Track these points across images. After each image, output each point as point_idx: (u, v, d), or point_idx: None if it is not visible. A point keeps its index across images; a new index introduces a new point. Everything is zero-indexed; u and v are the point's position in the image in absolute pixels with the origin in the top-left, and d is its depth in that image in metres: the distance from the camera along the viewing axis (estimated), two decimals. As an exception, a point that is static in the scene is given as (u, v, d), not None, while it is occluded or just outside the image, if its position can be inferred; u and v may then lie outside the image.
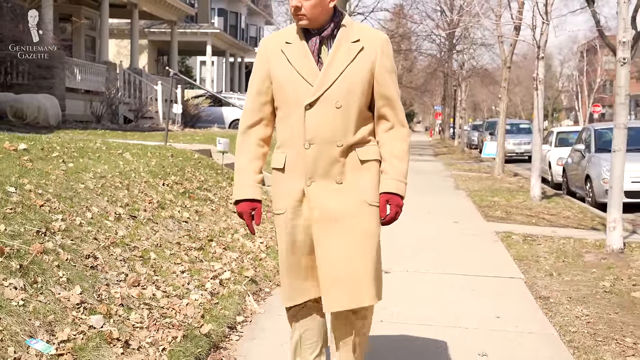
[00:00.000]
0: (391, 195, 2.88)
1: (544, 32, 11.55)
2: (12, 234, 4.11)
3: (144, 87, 21.91)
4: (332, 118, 2.78)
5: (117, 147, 7.83)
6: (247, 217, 2.91)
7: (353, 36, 2.84)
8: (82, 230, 4.75)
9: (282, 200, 2.89)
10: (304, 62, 2.81)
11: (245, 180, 2.91)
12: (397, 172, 2.89)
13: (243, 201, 2.90)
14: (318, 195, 2.82)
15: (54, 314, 3.55)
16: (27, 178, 5.14)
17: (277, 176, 2.92)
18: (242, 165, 2.93)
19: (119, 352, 3.46)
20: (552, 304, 5.26)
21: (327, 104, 2.78)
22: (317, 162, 2.80)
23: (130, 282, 4.37)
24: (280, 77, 2.84)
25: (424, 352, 4.11)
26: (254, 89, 2.92)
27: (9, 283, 3.58)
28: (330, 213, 2.81)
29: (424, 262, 6.59)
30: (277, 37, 2.94)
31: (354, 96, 2.80)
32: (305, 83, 2.79)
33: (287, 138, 2.86)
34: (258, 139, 2.93)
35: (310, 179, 2.82)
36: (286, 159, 2.87)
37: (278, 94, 2.86)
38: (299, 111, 2.80)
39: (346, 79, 2.79)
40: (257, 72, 2.92)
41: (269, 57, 2.87)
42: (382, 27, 36.32)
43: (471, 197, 12.53)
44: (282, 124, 2.89)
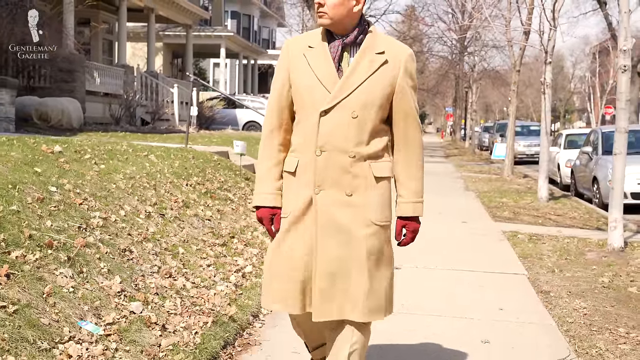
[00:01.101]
0: (407, 221, 2.90)
1: (552, 38, 11.89)
2: (57, 229, 4.54)
3: (160, 90, 22.38)
4: (346, 127, 2.75)
5: (142, 149, 8.26)
6: (267, 223, 2.91)
7: (379, 47, 2.80)
8: (117, 227, 5.17)
9: (289, 205, 2.85)
10: (324, 67, 2.77)
11: (265, 188, 2.89)
12: (413, 193, 2.88)
13: (263, 207, 2.91)
14: (326, 204, 2.78)
15: (100, 300, 3.97)
16: (66, 178, 5.57)
17: (288, 179, 2.89)
18: (263, 172, 2.92)
19: (157, 334, 3.88)
20: (552, 297, 5.63)
21: (343, 113, 2.74)
22: (327, 170, 2.77)
23: (163, 274, 4.79)
24: (298, 80, 2.81)
25: (431, 339, 4.49)
26: (275, 92, 2.90)
27: (60, 272, 4.00)
28: (334, 224, 2.77)
29: (433, 259, 6.96)
30: (301, 40, 2.90)
31: (371, 108, 2.77)
32: (323, 89, 2.75)
33: (300, 143, 2.83)
34: (278, 144, 2.90)
35: (319, 187, 2.78)
36: (298, 163, 2.84)
37: (295, 97, 2.84)
38: (314, 117, 2.76)
39: (365, 90, 2.75)
40: (278, 74, 2.90)
41: (290, 60, 2.85)
42: (394, 30, 36.69)
43: (480, 198, 12.88)
44: (297, 128, 2.87)
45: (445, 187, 15.06)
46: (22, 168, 5.45)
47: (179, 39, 30.94)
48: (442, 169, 20.78)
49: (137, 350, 3.62)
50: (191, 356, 3.73)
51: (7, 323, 3.27)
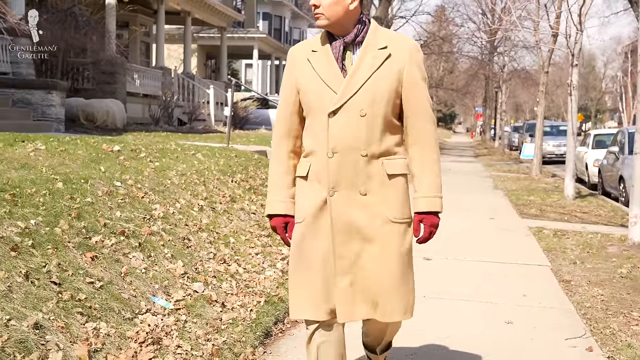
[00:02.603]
0: (424, 215, 2.82)
1: (578, 41, 12.26)
2: (126, 219, 5.12)
3: (196, 91, 23.08)
4: (355, 126, 2.71)
5: (189, 148, 8.85)
6: (280, 232, 2.90)
7: (380, 42, 2.77)
8: (175, 218, 5.75)
9: (303, 209, 2.82)
10: (328, 69, 2.75)
11: (277, 196, 2.88)
12: (429, 188, 2.81)
13: (276, 216, 2.90)
14: (341, 205, 2.74)
15: (167, 280, 4.54)
16: (127, 175, 6.16)
17: (301, 184, 2.86)
18: (274, 179, 2.91)
19: (218, 310, 4.43)
20: (572, 286, 6.08)
21: (351, 112, 2.71)
22: (340, 171, 2.73)
23: (218, 260, 5.35)
24: (305, 85, 2.79)
25: (458, 319, 4.98)
26: (283, 99, 2.90)
27: (132, 256, 4.58)
28: (351, 225, 2.74)
29: (461, 251, 7.44)
30: (305, 45, 2.89)
31: (379, 105, 2.73)
32: (329, 90, 2.73)
33: (312, 146, 2.81)
34: (289, 151, 2.89)
35: (333, 189, 2.74)
36: (310, 167, 2.81)
37: (304, 102, 2.82)
38: (323, 119, 2.74)
39: (371, 87, 2.72)
40: (286, 81, 2.89)
41: (296, 66, 2.84)
42: (424, 30, 37.06)
43: (508, 196, 13.29)
44: (307, 132, 2.84)
45: (475, 185, 15.48)
46: (89, 165, 6.06)
47: (213, 40, 31.69)
48: (471, 168, 21.16)
49: (202, 322, 4.17)
50: (248, 329, 4.27)
51: (96, 296, 3.84)
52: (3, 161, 5.33)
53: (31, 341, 3.13)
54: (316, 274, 2.77)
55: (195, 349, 3.77)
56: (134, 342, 3.61)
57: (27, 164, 5.45)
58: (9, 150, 5.93)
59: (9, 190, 4.56)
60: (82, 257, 4.18)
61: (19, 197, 4.54)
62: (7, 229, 4.00)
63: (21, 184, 4.81)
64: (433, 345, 4.32)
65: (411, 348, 4.22)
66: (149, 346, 3.61)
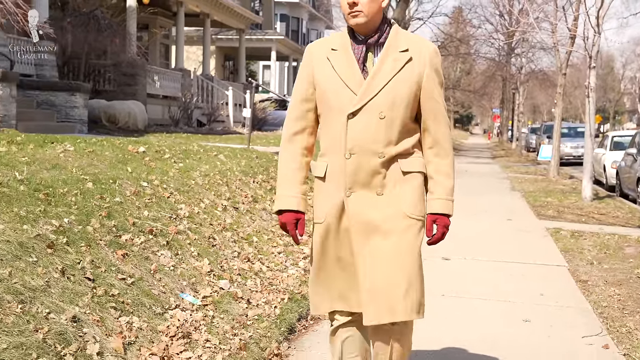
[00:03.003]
0: (438, 216, 2.83)
1: (596, 43, 12.31)
2: (153, 218, 5.29)
3: (215, 92, 23.30)
4: (374, 128, 2.72)
5: (211, 150, 9.03)
6: (291, 228, 2.86)
7: (401, 45, 2.76)
8: (200, 217, 5.91)
9: (322, 210, 2.82)
10: (348, 69, 2.74)
11: (289, 191, 2.85)
12: (444, 191, 2.83)
13: (286, 212, 2.85)
14: (357, 206, 2.75)
15: (194, 277, 4.70)
16: (154, 175, 6.33)
17: (318, 185, 2.86)
18: (285, 175, 2.87)
19: (244, 307, 4.58)
20: (589, 286, 6.17)
21: (371, 114, 2.71)
22: (357, 173, 2.74)
23: (242, 258, 5.50)
24: (323, 84, 2.78)
25: (476, 318, 5.10)
26: (298, 96, 2.87)
27: (161, 253, 4.74)
28: (368, 225, 2.75)
29: (479, 251, 7.54)
30: (323, 43, 2.87)
31: (398, 108, 2.73)
32: (349, 91, 2.72)
33: (329, 147, 2.81)
34: (302, 148, 2.88)
35: (350, 189, 2.75)
36: (327, 168, 2.81)
37: (321, 101, 2.81)
38: (341, 120, 2.73)
39: (392, 90, 2.72)
40: (302, 78, 2.86)
41: (314, 64, 2.82)
42: (441, 32, 37.08)
43: (525, 197, 13.36)
44: (324, 132, 2.84)
45: (492, 187, 15.54)
46: (117, 166, 6.23)
47: (231, 42, 31.91)
48: (488, 170, 21.20)
49: (229, 318, 4.32)
50: (273, 325, 4.42)
51: (128, 291, 4.00)
52: (35, 162, 5.51)
53: (70, 333, 3.29)
54: (337, 275, 2.80)
55: (223, 343, 3.92)
56: (165, 335, 3.77)
57: (58, 165, 5.63)
58: (40, 151, 6.12)
59: (42, 190, 4.73)
60: (113, 254, 4.35)
61: (52, 197, 4.71)
62: (43, 227, 4.17)
63: (53, 184, 4.98)
64: (451, 343, 4.44)
65: (429, 345, 4.34)
66: (179, 340, 3.76)
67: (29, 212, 4.27)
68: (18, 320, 3.18)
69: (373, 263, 2.74)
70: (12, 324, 3.13)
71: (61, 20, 13.58)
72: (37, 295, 3.45)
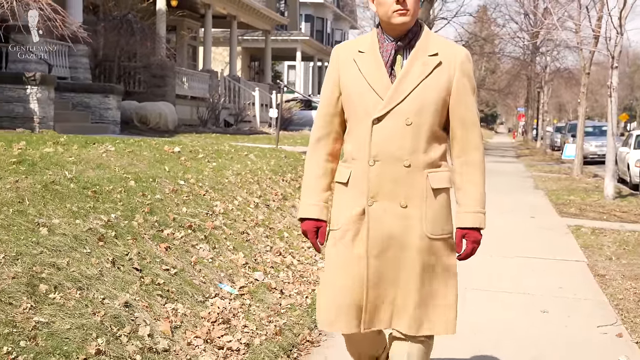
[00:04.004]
0: (467, 230, 2.71)
1: (618, 44, 12.47)
2: (191, 214, 5.63)
3: (241, 93, 23.71)
4: (400, 135, 2.61)
5: (241, 149, 9.38)
6: (311, 236, 2.79)
7: (431, 49, 2.66)
8: (234, 214, 6.24)
9: (341, 216, 2.72)
10: (375, 72, 2.64)
11: (311, 199, 2.78)
12: (474, 203, 2.71)
13: (308, 220, 2.79)
14: (379, 216, 2.64)
15: (231, 269, 5.03)
16: (189, 174, 6.68)
17: (340, 190, 2.76)
18: (309, 182, 2.81)
19: (277, 297, 4.91)
20: (607, 280, 6.41)
21: (397, 120, 2.61)
22: (381, 181, 2.63)
23: (274, 252, 5.83)
24: (349, 87, 2.69)
25: (497, 309, 5.37)
26: (324, 100, 2.79)
27: (200, 247, 5.08)
28: (388, 237, 2.65)
29: (502, 248, 7.79)
30: (351, 45, 2.77)
31: (426, 114, 2.63)
32: (375, 95, 2.62)
33: (353, 153, 2.70)
34: (326, 154, 2.80)
35: (372, 198, 2.64)
36: (351, 174, 2.70)
37: (346, 105, 2.72)
38: (366, 125, 2.63)
39: (420, 95, 2.61)
40: (328, 81, 2.78)
41: (340, 66, 2.73)
42: (465, 31, 37.16)
43: (548, 196, 13.55)
44: (349, 136, 2.74)
45: (516, 185, 15.73)
46: (155, 165, 6.60)
47: (257, 43, 32.35)
48: (512, 169, 21.36)
49: (264, 306, 4.64)
50: (305, 313, 4.73)
51: (172, 281, 4.34)
52: (81, 162, 5.88)
53: (123, 317, 3.63)
54: (348, 285, 2.67)
55: (259, 328, 4.24)
56: (207, 321, 4.10)
57: (102, 164, 6.00)
58: (84, 151, 6.50)
59: (90, 188, 5.10)
60: (157, 247, 4.69)
61: (100, 194, 5.07)
62: (93, 222, 4.53)
63: (99, 182, 5.35)
64: (473, 331, 4.71)
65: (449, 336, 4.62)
66: (220, 325, 4.09)
67: (80, 208, 4.63)
68: (78, 304, 3.53)
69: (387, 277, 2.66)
70: (73, 307, 3.48)
71: (95, 25, 14.03)
72: (92, 282, 3.80)
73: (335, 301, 2.69)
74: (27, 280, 3.50)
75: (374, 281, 2.66)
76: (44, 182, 4.84)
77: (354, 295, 2.67)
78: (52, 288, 3.54)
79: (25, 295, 3.38)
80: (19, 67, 11.87)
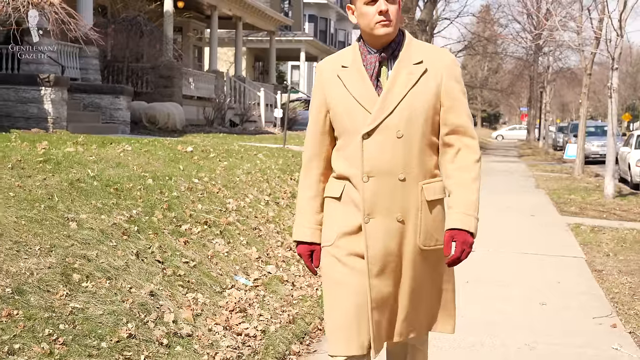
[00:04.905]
0: (457, 231, 2.56)
1: (618, 45, 12.73)
2: (206, 210, 5.92)
3: (247, 93, 24.00)
4: (392, 148, 2.54)
5: (250, 149, 9.67)
6: (306, 260, 2.75)
7: (415, 57, 2.60)
8: (246, 211, 6.53)
9: (333, 232, 2.63)
10: (361, 87, 2.57)
11: (304, 221, 2.73)
12: (465, 205, 2.58)
13: (302, 243, 2.74)
14: (376, 233, 2.56)
15: (245, 262, 5.32)
16: (203, 173, 6.96)
17: (332, 205, 2.68)
18: (301, 204, 2.76)
19: (289, 288, 5.19)
20: (604, 274, 6.68)
21: (387, 133, 2.54)
22: (376, 197, 2.55)
23: (285, 247, 6.11)
24: (336, 104, 2.62)
25: (497, 300, 5.65)
26: (313, 118, 2.72)
27: (215, 241, 5.37)
28: (386, 254, 2.58)
29: (502, 244, 8.06)
30: (333, 61, 2.71)
31: (416, 124, 2.56)
32: (363, 110, 2.55)
33: (345, 170, 2.62)
34: (318, 174, 2.73)
35: (368, 215, 2.56)
36: (344, 189, 2.63)
37: (335, 122, 2.65)
38: (356, 141, 2.56)
39: (408, 105, 2.54)
40: (314, 100, 2.71)
41: (324, 84, 2.66)
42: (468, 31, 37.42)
43: (549, 195, 13.81)
44: (338, 154, 2.67)
45: (517, 184, 16.00)
46: (170, 164, 6.89)
47: (261, 43, 32.63)
48: (515, 168, 21.62)
49: (278, 297, 4.93)
50: (315, 304, 5.01)
51: (192, 273, 4.63)
52: (101, 160, 6.17)
53: (149, 304, 3.92)
54: (351, 306, 2.58)
55: (274, 317, 4.53)
56: (225, 310, 4.38)
57: (120, 163, 6.30)
58: (103, 151, 6.79)
59: (112, 185, 5.39)
60: (176, 241, 4.98)
61: (121, 191, 5.36)
62: (117, 217, 4.82)
63: (120, 180, 5.63)
64: (474, 321, 4.99)
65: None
66: (238, 313, 4.37)
67: (104, 205, 4.92)
68: (108, 292, 3.82)
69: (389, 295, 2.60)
70: (104, 295, 3.77)
71: (105, 27, 14.32)
72: (119, 273, 4.09)
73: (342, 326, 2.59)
74: (62, 270, 3.79)
75: (377, 302, 2.58)
76: (70, 179, 5.13)
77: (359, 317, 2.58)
78: (84, 277, 3.83)
79: (61, 283, 3.67)
80: (32, 68, 12.15)
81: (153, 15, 18.95)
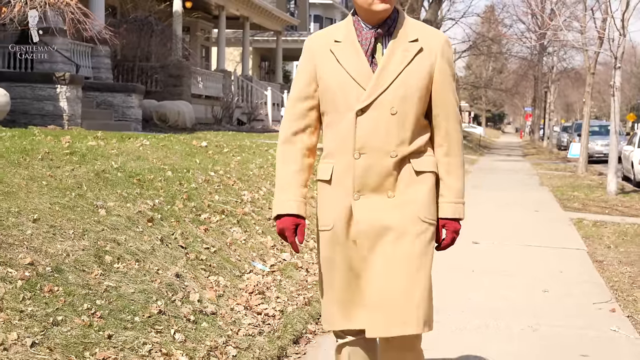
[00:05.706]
0: (447, 220, 2.63)
1: (621, 45, 12.98)
2: (223, 201, 6.19)
3: (254, 92, 24.30)
4: (385, 125, 2.52)
5: (261, 145, 9.94)
6: (290, 234, 2.63)
7: (411, 35, 2.56)
8: (260, 202, 6.80)
9: (329, 216, 2.60)
10: (355, 62, 2.53)
11: (288, 194, 2.63)
12: (454, 194, 2.62)
13: (285, 216, 2.63)
14: (366, 210, 2.53)
15: (261, 250, 5.58)
16: (218, 166, 7.24)
17: (323, 189, 2.64)
18: (285, 177, 2.66)
19: (304, 274, 5.46)
20: (604, 265, 6.93)
21: (381, 110, 2.51)
22: (367, 174, 2.52)
23: (298, 237, 6.38)
24: (328, 79, 2.56)
25: (501, 288, 5.90)
26: (297, 94, 2.64)
27: (233, 230, 5.64)
28: (379, 230, 2.53)
29: (507, 237, 8.32)
30: (325, 35, 2.65)
31: (410, 102, 2.53)
32: (357, 86, 2.51)
33: (335, 147, 2.57)
34: (303, 149, 2.65)
35: (358, 192, 2.53)
36: (333, 169, 2.58)
37: (325, 98, 2.59)
38: (349, 117, 2.52)
39: (403, 83, 2.52)
40: (302, 74, 2.64)
41: (316, 58, 2.60)
42: (473, 31, 37.67)
43: (553, 192, 14.06)
44: (329, 131, 2.61)
45: (522, 182, 16.26)
46: (187, 158, 7.16)
47: (267, 43, 32.92)
48: (519, 167, 21.88)
49: (293, 282, 5.20)
50: (329, 289, 5.27)
51: (213, 258, 4.90)
52: (122, 154, 6.45)
53: (176, 285, 4.19)
54: (347, 287, 2.59)
55: (290, 300, 4.79)
56: (245, 292, 4.65)
57: (141, 156, 6.57)
58: (123, 145, 7.07)
59: (135, 176, 5.66)
60: (197, 229, 5.25)
61: (143, 182, 5.64)
62: (141, 206, 5.09)
63: (141, 171, 5.91)
64: (479, 306, 5.25)
65: (458, 309, 5.16)
66: (257, 295, 4.64)
67: (129, 194, 5.20)
68: (137, 273, 4.09)
69: (383, 271, 2.53)
70: (134, 275, 4.04)
71: (117, 26, 14.60)
72: (147, 256, 4.36)
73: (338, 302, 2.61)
74: (95, 252, 4.06)
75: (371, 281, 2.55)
76: (96, 170, 5.41)
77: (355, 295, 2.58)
78: (116, 259, 4.11)
79: (95, 264, 3.94)
80: (46, 67, 12.45)
81: (162, 15, 19.25)
